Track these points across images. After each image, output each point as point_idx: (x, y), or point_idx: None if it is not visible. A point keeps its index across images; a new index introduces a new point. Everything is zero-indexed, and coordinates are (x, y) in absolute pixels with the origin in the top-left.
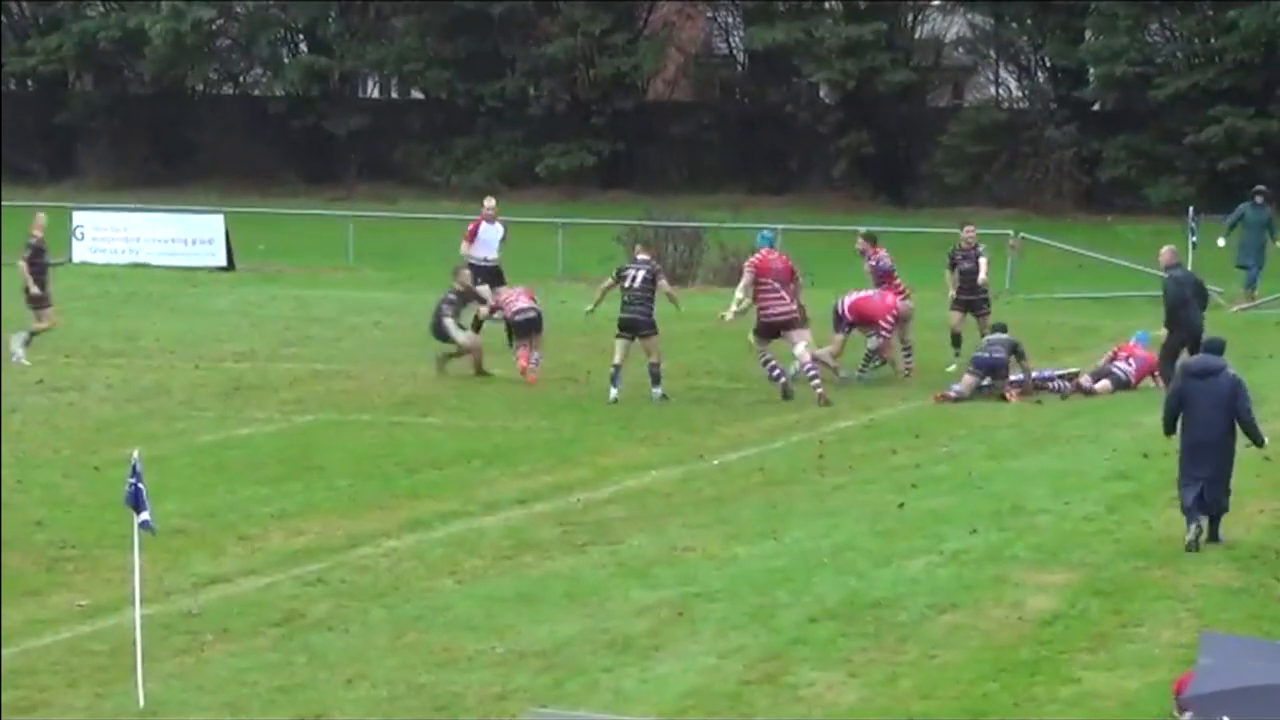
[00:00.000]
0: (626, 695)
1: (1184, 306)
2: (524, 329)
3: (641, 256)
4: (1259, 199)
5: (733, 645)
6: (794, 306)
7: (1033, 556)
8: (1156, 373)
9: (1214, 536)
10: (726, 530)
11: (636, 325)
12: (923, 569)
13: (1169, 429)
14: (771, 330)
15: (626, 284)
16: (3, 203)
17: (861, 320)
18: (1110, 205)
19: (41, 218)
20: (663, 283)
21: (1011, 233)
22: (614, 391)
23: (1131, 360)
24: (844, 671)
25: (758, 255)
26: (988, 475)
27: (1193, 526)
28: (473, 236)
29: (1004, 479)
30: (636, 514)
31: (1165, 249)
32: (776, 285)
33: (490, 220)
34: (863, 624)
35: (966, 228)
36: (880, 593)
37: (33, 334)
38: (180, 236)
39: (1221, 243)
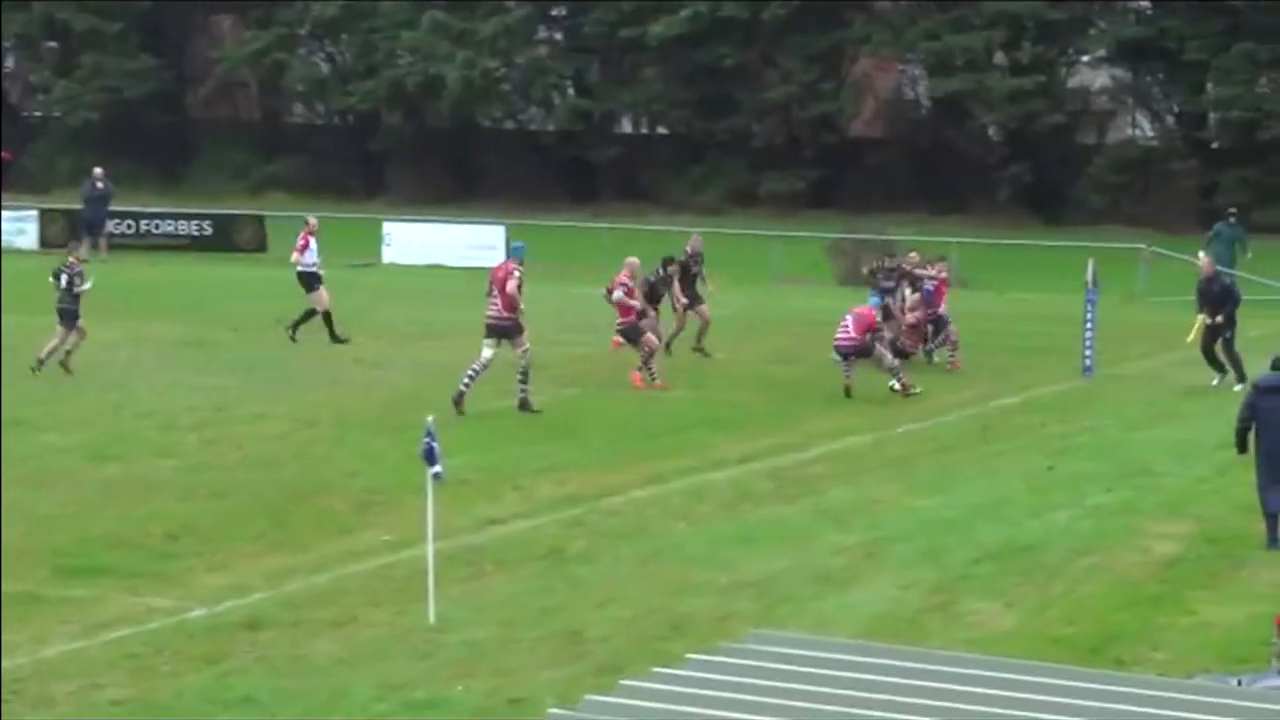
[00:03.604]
0: (826, 619)
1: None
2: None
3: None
4: (1232, 219)
5: (912, 579)
6: None
7: (1157, 510)
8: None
9: None
10: (908, 486)
11: None
12: (1067, 520)
13: (1241, 446)
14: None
15: None
16: (327, 215)
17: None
18: None
19: (82, 249)
20: None
21: (1144, 247)
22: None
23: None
24: (1002, 602)
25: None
26: (1121, 444)
27: (1278, 532)
28: (304, 249)
29: (1134, 447)
30: (836, 471)
31: (1205, 260)
32: None
33: (313, 234)
34: (1018, 564)
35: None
36: (1032, 539)
37: (44, 358)
38: (469, 243)
39: (1201, 254)
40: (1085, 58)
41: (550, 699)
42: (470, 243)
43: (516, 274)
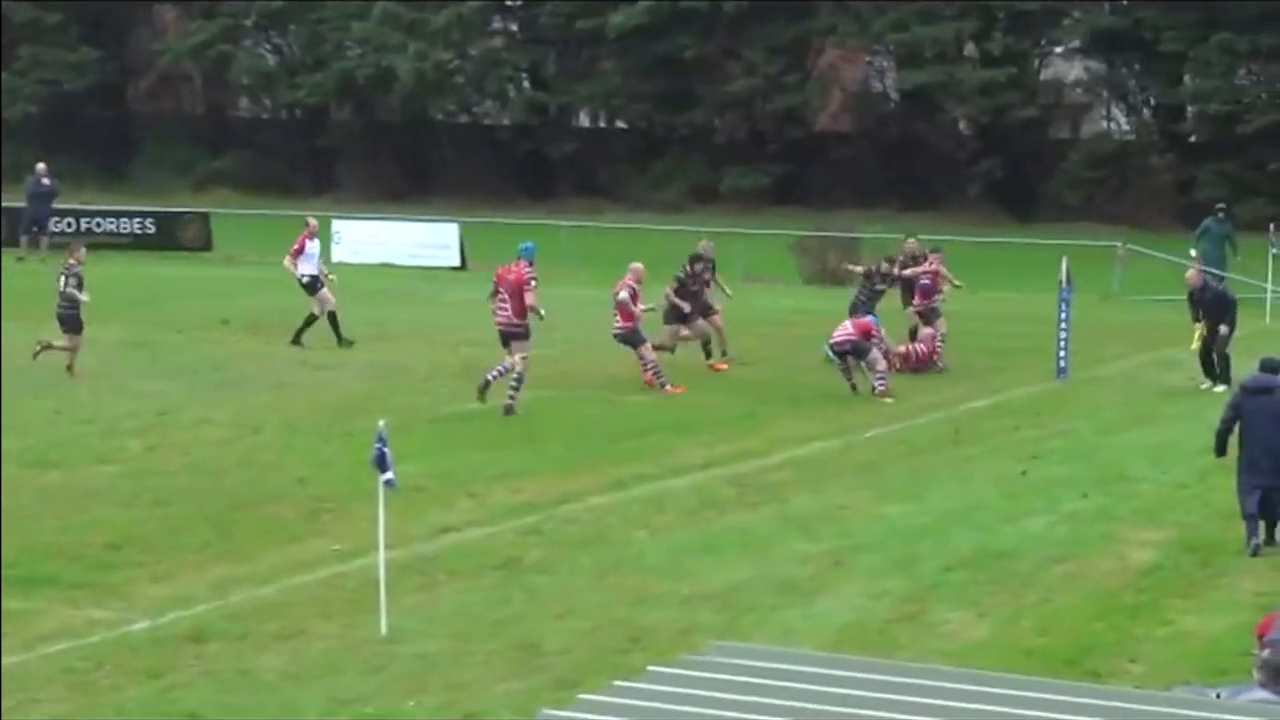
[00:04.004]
0: (792, 630)
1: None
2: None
3: None
4: (1221, 215)
5: (881, 589)
6: None
7: (1134, 517)
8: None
9: (1271, 539)
10: (877, 492)
11: None
12: (1042, 526)
13: (1221, 448)
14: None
15: None
16: (274, 212)
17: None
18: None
19: (82, 251)
20: None
21: (1119, 244)
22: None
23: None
24: (974, 612)
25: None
26: (1097, 448)
27: (1253, 541)
28: (299, 254)
29: (1110, 451)
30: (801, 478)
31: (1192, 272)
32: None
33: (312, 237)
34: (991, 572)
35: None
36: (1005, 546)
37: (50, 346)
38: (421, 241)
39: (1193, 253)
40: (1059, 49)
41: (506, 714)
42: (423, 241)
43: (533, 282)
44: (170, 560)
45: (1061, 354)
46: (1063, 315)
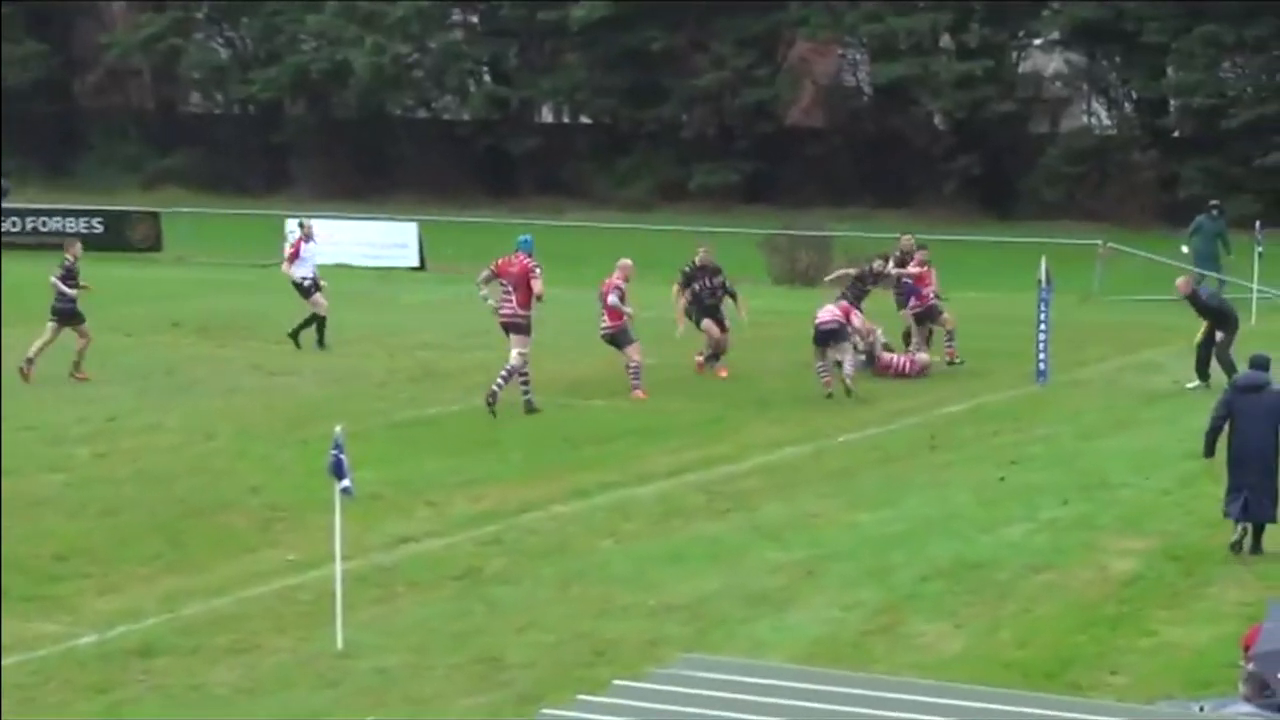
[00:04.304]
0: (762, 643)
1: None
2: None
3: None
4: (1215, 212)
5: (854, 599)
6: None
7: (1116, 525)
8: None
9: (1257, 548)
10: (850, 499)
11: None
12: (1021, 535)
13: (1210, 449)
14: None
15: None
16: (226, 211)
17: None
18: (1187, 219)
19: (78, 246)
20: None
21: (1100, 243)
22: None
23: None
24: (951, 623)
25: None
26: (1077, 454)
27: (1239, 528)
28: (294, 257)
29: (1091, 457)
30: (771, 485)
31: (1180, 281)
32: None
33: (308, 239)
34: (968, 582)
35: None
36: (983, 555)
37: (34, 357)
38: (378, 241)
39: (1185, 250)
40: (1038, 41)
41: None
42: (380, 241)
43: (538, 271)
44: (119, 572)
45: (1041, 356)
46: (1042, 316)
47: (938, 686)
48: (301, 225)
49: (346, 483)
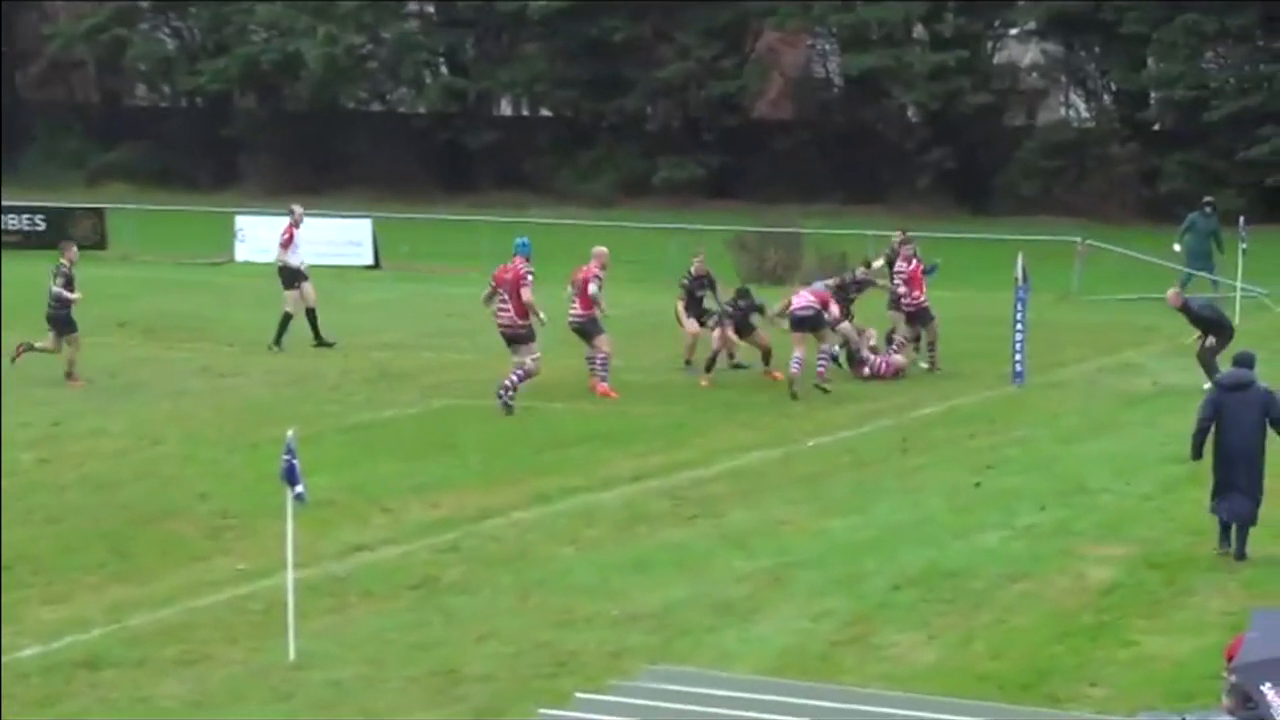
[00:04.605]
0: (729, 654)
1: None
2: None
3: None
4: (1208, 209)
5: (824, 609)
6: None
7: (1095, 531)
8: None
9: (1241, 554)
10: (819, 505)
11: None
12: (996, 542)
13: (1198, 451)
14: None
15: None
16: (173, 208)
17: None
18: (1169, 215)
19: (73, 250)
20: None
21: (1079, 240)
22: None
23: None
24: (924, 634)
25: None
26: (1055, 458)
27: (1223, 546)
28: (289, 243)
29: (1070, 461)
30: (738, 490)
31: (1170, 294)
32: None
33: (298, 225)
34: (941, 591)
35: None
36: (957, 563)
37: (35, 347)
38: (332, 239)
39: (1177, 248)
40: (1013, 30)
41: None
42: (333, 239)
43: (530, 277)
44: (63, 581)
45: (1017, 357)
46: (1018, 315)
47: (910, 699)
48: (292, 211)
49: (299, 489)
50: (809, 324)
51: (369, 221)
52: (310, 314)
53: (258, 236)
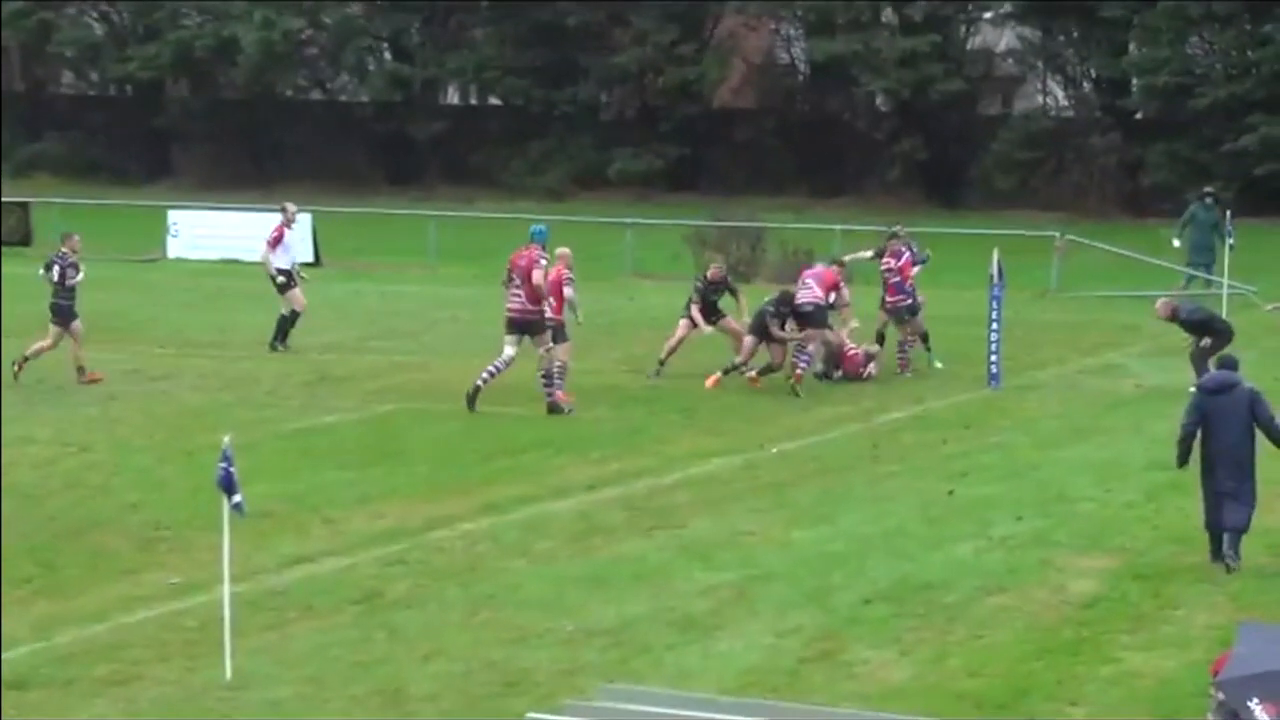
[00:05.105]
0: (690, 672)
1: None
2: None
3: None
4: (1209, 200)
5: (790, 624)
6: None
7: (1075, 542)
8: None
9: (1234, 555)
10: (785, 515)
11: None
12: (971, 553)
13: (1184, 457)
14: None
15: None
16: (102, 202)
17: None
18: (1152, 209)
19: (75, 239)
20: None
21: (1057, 234)
22: None
23: None
24: (896, 650)
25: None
26: (1033, 464)
27: (1218, 549)
28: (277, 243)
29: (1049, 468)
30: (700, 499)
31: (1159, 305)
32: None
33: (290, 225)
34: (914, 605)
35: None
36: (931, 575)
37: (28, 357)
38: (269, 234)
39: (1176, 243)
40: (987, 14)
41: None
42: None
43: (543, 262)
44: None
45: (993, 358)
46: (994, 314)
47: (882, 719)
48: (284, 210)
49: (237, 498)
50: (808, 320)
51: (308, 216)
52: (290, 319)
53: (191, 232)
